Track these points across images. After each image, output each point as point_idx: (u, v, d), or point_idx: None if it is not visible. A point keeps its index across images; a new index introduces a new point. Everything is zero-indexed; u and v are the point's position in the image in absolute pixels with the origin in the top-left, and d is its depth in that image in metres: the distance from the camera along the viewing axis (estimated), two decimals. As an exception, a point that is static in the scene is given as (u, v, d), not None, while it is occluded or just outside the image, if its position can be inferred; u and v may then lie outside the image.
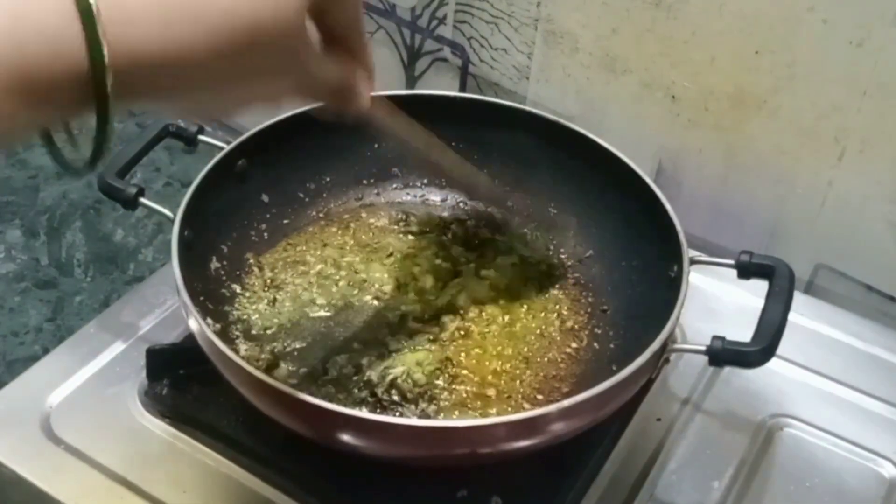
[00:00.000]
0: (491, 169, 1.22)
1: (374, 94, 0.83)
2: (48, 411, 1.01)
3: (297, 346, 1.03)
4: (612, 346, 1.06)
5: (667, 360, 0.94)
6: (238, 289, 1.09)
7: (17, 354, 1.46)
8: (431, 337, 1.05)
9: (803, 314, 1.16)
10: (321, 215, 1.20)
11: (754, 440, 1.04)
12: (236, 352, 0.89)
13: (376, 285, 1.10)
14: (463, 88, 1.47)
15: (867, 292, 1.23)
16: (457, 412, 0.97)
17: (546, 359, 1.04)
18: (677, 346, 0.96)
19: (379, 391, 0.98)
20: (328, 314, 1.07)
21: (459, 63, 1.45)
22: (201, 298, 1.02)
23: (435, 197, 1.24)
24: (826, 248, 1.24)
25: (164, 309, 1.13)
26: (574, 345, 1.06)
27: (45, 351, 1.17)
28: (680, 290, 0.95)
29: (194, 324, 0.92)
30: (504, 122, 1.20)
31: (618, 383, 0.86)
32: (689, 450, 1.02)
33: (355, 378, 0.99)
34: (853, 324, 1.18)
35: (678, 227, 1.01)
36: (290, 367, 1.01)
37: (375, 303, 1.08)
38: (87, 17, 0.53)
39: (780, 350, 0.93)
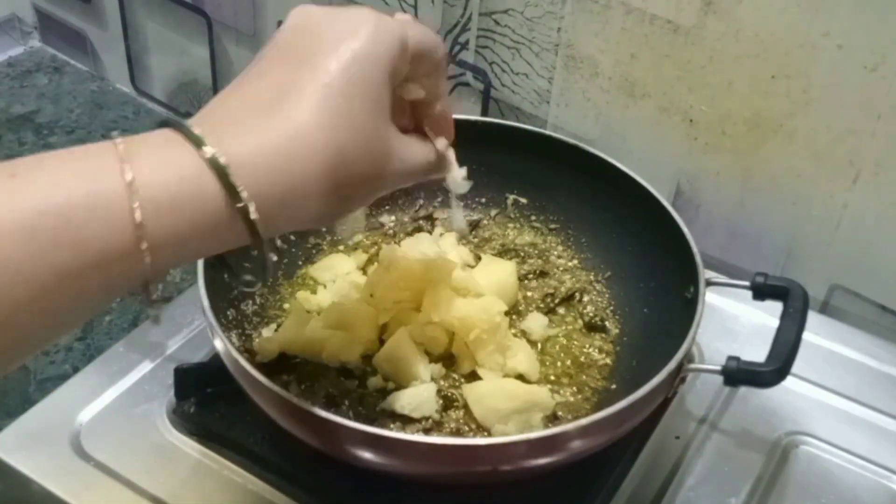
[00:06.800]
0: (512, 191, 1.24)
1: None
2: (78, 429, 1.02)
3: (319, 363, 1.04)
4: (630, 365, 1.07)
5: (682, 380, 0.95)
6: (263, 308, 1.11)
7: (47, 373, 1.47)
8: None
9: (819, 334, 1.17)
10: (343, 238, 1.22)
11: (770, 457, 1.04)
12: (261, 371, 0.90)
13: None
14: (485, 112, 1.48)
15: (881, 312, 1.24)
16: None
17: (567, 378, 1.06)
18: (693, 365, 0.97)
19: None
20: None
21: (481, 87, 1.47)
22: (227, 318, 1.04)
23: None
24: (841, 269, 1.25)
25: (192, 329, 1.14)
26: (594, 363, 1.08)
27: (75, 370, 1.19)
28: (696, 311, 0.96)
29: (220, 344, 0.93)
30: (525, 146, 1.21)
31: (634, 402, 0.87)
32: (706, 467, 1.03)
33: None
34: (868, 343, 1.18)
35: (695, 250, 1.02)
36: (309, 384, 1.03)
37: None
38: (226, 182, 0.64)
39: (796, 369, 0.94)
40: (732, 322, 1.19)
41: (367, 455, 0.86)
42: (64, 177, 0.59)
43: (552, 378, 1.05)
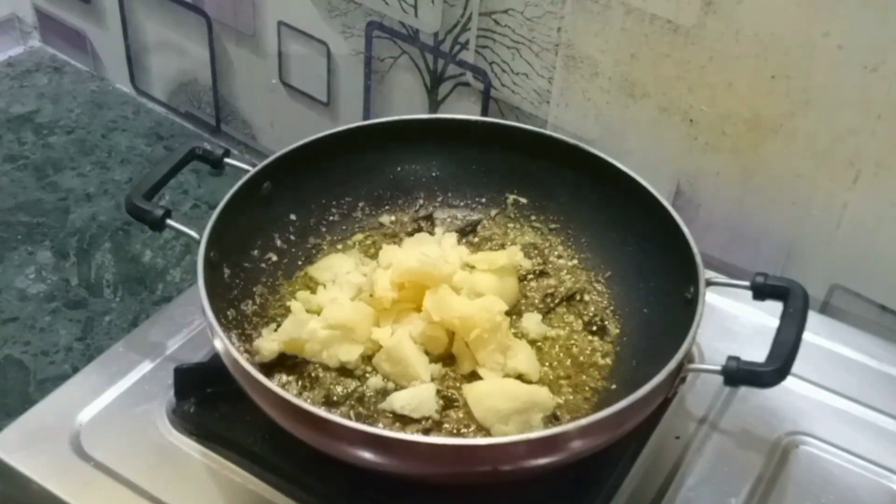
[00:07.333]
0: (512, 191, 1.24)
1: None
2: (78, 429, 1.02)
3: (319, 363, 1.04)
4: (630, 365, 1.06)
5: (682, 380, 0.95)
6: (263, 308, 1.11)
7: (47, 373, 1.47)
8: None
9: (819, 334, 1.17)
10: (343, 237, 1.22)
11: (770, 457, 1.04)
12: (261, 371, 0.90)
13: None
14: (485, 112, 1.48)
15: (881, 312, 1.24)
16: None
17: (567, 378, 1.06)
18: (693, 366, 0.97)
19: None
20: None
21: (481, 87, 1.47)
22: (227, 318, 1.04)
23: (458, 220, 1.25)
24: (841, 269, 1.25)
25: (192, 329, 1.14)
26: (594, 363, 1.07)
27: (75, 370, 1.19)
28: (696, 311, 0.96)
29: (220, 344, 0.93)
30: (525, 146, 1.21)
31: (634, 402, 0.87)
32: (706, 467, 1.03)
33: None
34: (868, 343, 1.18)
35: (695, 250, 1.02)
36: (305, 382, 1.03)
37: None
38: None
39: (796, 369, 0.94)
40: (732, 322, 1.19)
41: (366, 455, 0.86)
42: None
43: (552, 378, 1.05)
